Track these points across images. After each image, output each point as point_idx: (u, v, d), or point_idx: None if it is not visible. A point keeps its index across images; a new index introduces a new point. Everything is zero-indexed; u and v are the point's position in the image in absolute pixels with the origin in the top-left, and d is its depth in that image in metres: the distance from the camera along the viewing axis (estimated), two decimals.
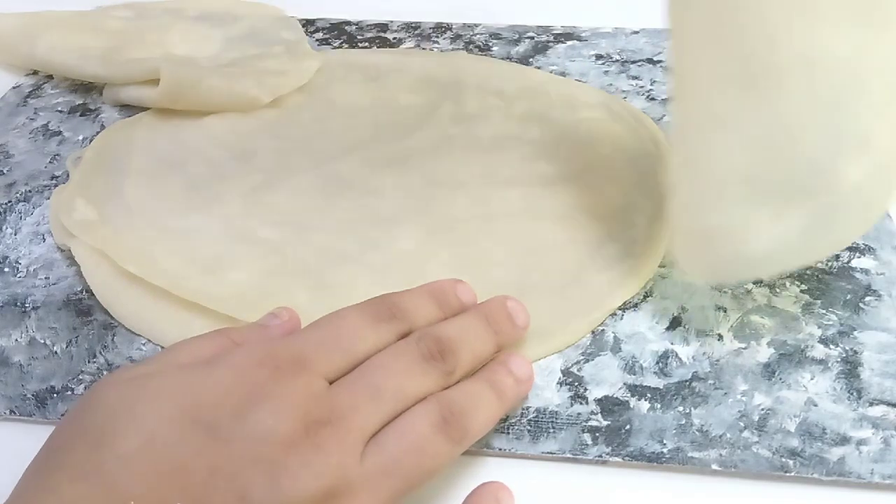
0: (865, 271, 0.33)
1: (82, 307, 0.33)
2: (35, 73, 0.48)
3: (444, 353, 0.25)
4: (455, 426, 0.24)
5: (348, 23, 0.53)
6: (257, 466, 0.21)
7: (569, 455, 0.27)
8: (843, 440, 0.26)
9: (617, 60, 0.47)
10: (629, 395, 0.28)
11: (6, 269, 0.35)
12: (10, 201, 0.38)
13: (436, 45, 0.50)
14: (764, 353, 0.30)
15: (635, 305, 0.32)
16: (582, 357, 0.30)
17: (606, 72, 0.46)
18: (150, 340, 0.31)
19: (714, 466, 0.26)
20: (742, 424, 0.27)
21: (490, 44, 0.50)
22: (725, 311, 0.31)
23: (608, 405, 0.28)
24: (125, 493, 0.20)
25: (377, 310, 0.26)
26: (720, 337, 0.30)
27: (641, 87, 0.45)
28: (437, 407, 0.24)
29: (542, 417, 0.28)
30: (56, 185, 0.39)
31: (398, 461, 0.23)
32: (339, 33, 0.52)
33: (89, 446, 0.21)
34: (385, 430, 0.23)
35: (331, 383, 0.24)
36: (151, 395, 0.22)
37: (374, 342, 0.25)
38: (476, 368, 0.26)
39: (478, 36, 0.51)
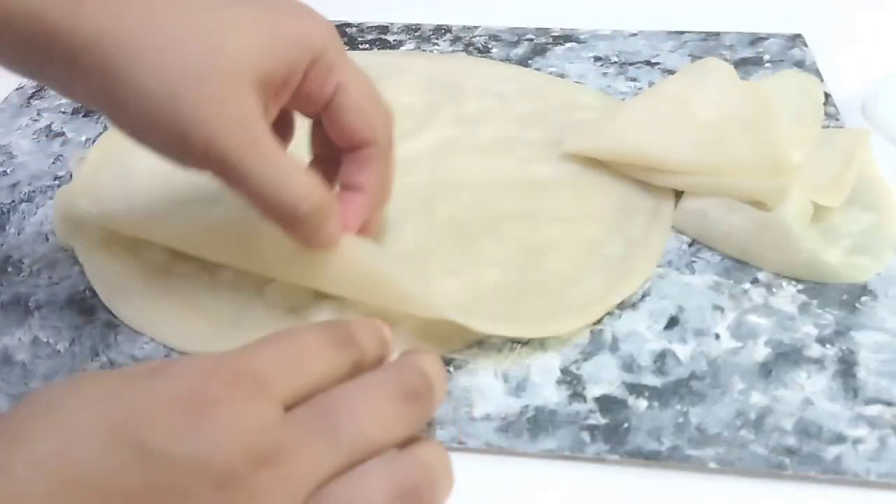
0: None
1: (85, 306, 0.33)
2: None
3: (416, 395, 0.22)
4: (421, 499, 0.20)
5: (349, 25, 0.53)
6: (180, 502, 0.18)
7: (567, 453, 0.27)
8: (840, 439, 0.27)
9: (615, 62, 0.48)
10: (627, 393, 0.29)
11: (10, 269, 0.35)
12: (13, 201, 0.39)
13: (436, 47, 0.50)
14: (761, 352, 0.30)
15: (633, 305, 0.32)
16: (580, 356, 0.30)
17: (605, 73, 0.47)
18: (152, 339, 0.31)
19: (711, 464, 0.26)
20: (739, 423, 0.27)
21: (490, 46, 0.50)
22: (723, 311, 0.31)
23: (606, 403, 0.28)
24: (29, 499, 0.17)
25: (334, 333, 0.23)
26: (717, 336, 0.31)
27: (640, 88, 0.45)
28: (397, 473, 0.20)
29: (540, 415, 0.28)
30: (59, 186, 0.39)
31: None
32: (339, 35, 0.52)
33: (5, 442, 0.18)
34: (333, 486, 0.20)
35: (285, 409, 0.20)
36: (81, 401, 0.19)
37: (332, 369, 0.22)
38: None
39: (477, 38, 0.51)
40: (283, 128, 0.30)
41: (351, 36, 0.52)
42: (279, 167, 0.25)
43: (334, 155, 0.30)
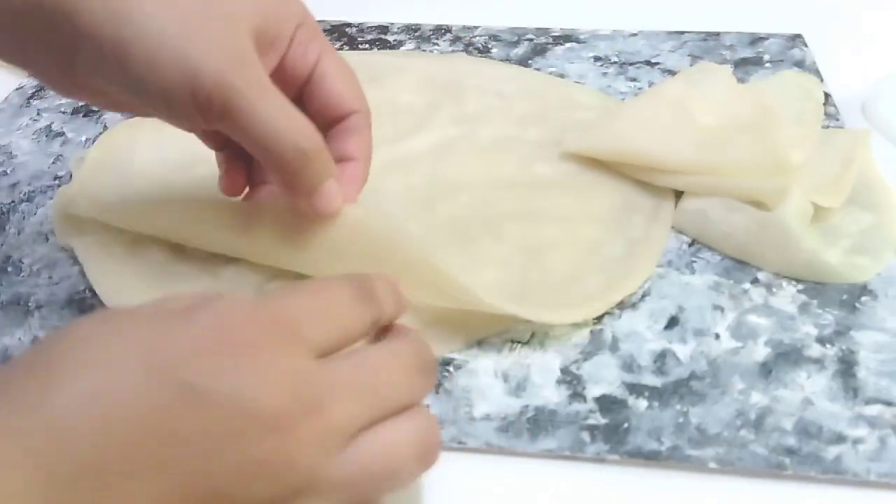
0: None
1: (85, 306, 0.33)
2: None
3: (431, 369, 0.23)
4: (431, 456, 0.22)
5: (349, 25, 0.53)
6: (238, 447, 0.18)
7: (567, 453, 0.27)
8: (840, 439, 0.27)
9: (615, 62, 0.48)
10: (627, 393, 0.29)
11: (9, 269, 0.35)
12: (13, 201, 0.39)
13: (436, 47, 0.50)
14: (761, 352, 0.30)
15: (633, 305, 0.32)
16: (580, 356, 0.30)
17: (605, 73, 0.47)
18: None
19: (711, 464, 0.26)
20: (739, 423, 0.27)
21: (489, 45, 0.50)
22: (723, 311, 0.31)
23: (606, 403, 0.28)
24: (71, 437, 0.17)
25: (358, 289, 0.23)
26: (717, 336, 0.31)
27: (640, 88, 0.45)
28: (416, 429, 0.22)
29: (540, 415, 0.28)
30: (59, 186, 0.39)
31: (370, 475, 0.20)
32: (339, 35, 0.52)
33: (39, 379, 0.18)
34: (366, 436, 0.21)
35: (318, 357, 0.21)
36: (118, 339, 0.19)
37: (360, 322, 0.23)
38: None
39: (477, 38, 0.51)
40: None
41: (351, 36, 0.52)
42: (283, 106, 0.26)
43: None
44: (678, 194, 0.37)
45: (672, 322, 0.31)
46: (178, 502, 0.18)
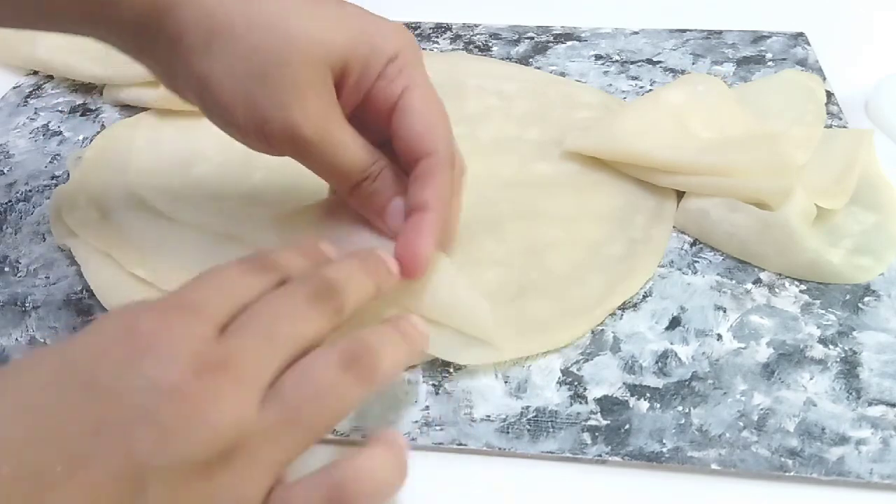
0: None
1: (82, 306, 0.33)
2: (35, 73, 0.48)
3: (329, 291, 0.24)
4: (363, 364, 0.22)
5: None
6: (144, 421, 0.19)
7: (568, 454, 0.27)
8: (843, 440, 0.26)
9: (616, 61, 0.47)
10: (629, 394, 0.28)
11: (6, 269, 0.35)
12: (10, 201, 0.38)
13: (436, 46, 0.50)
14: (763, 353, 0.30)
15: (635, 305, 0.32)
16: (581, 357, 0.30)
17: (606, 72, 0.47)
18: None
19: (713, 466, 0.26)
20: (741, 424, 0.27)
21: (490, 44, 0.50)
22: (725, 311, 0.31)
23: (608, 405, 0.28)
24: (5, 446, 0.18)
25: (253, 262, 0.25)
26: (719, 337, 0.30)
27: (641, 87, 0.45)
28: (339, 347, 0.23)
29: (541, 417, 0.28)
30: (56, 185, 0.39)
31: (300, 409, 0.21)
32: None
33: None
34: (283, 377, 0.21)
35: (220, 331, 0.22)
36: (24, 366, 0.20)
37: (256, 289, 0.24)
38: (360, 308, 0.26)
39: (478, 36, 0.51)
40: None
41: None
42: (350, 145, 0.28)
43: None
44: (680, 194, 0.36)
45: (674, 322, 0.31)
46: (113, 488, 0.18)
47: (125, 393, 0.19)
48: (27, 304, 0.33)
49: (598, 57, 0.48)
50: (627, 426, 0.27)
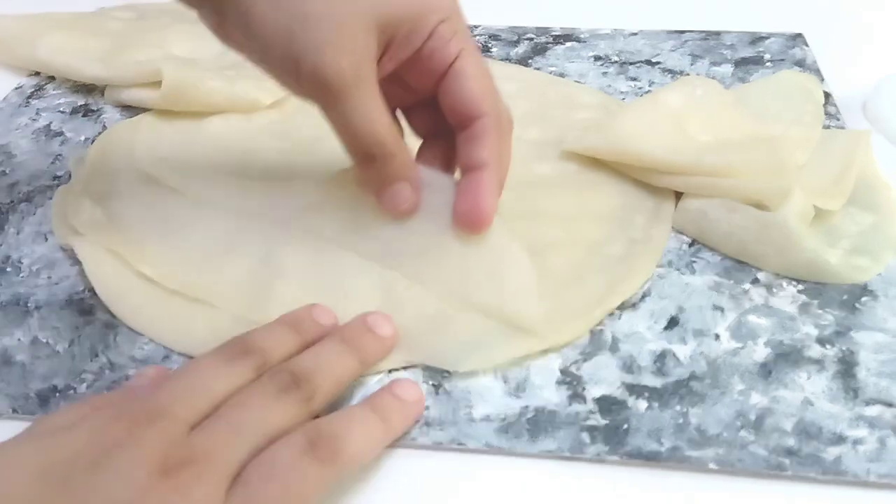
0: None
1: (84, 306, 0.33)
2: (37, 73, 0.49)
3: (298, 382, 0.25)
4: (323, 447, 0.23)
5: None
6: None
7: (567, 454, 0.27)
8: (840, 439, 0.27)
9: (615, 62, 0.48)
10: (627, 394, 0.28)
11: (9, 269, 0.35)
12: (12, 201, 0.39)
13: None
14: (761, 352, 0.30)
15: (633, 305, 0.32)
16: (580, 356, 0.30)
17: (605, 73, 0.47)
18: (151, 340, 0.31)
19: (711, 465, 0.26)
20: (739, 423, 0.27)
21: (489, 45, 0.50)
22: (723, 311, 0.31)
23: (606, 404, 0.28)
24: None
25: (230, 350, 0.26)
26: (717, 336, 0.30)
27: (640, 88, 0.45)
28: (302, 433, 0.24)
29: (540, 416, 0.28)
30: (58, 186, 0.39)
31: (264, 495, 0.22)
32: None
33: None
34: (248, 466, 0.23)
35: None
36: (5, 462, 0.21)
37: (231, 381, 0.25)
38: (340, 391, 0.27)
39: (477, 37, 0.51)
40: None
41: None
42: (369, 106, 0.28)
43: (440, 139, 0.31)
44: (678, 194, 0.36)
45: (672, 322, 0.31)
46: None
47: (97, 490, 0.21)
48: (30, 304, 0.33)
49: (597, 58, 0.48)
50: (626, 426, 0.27)
